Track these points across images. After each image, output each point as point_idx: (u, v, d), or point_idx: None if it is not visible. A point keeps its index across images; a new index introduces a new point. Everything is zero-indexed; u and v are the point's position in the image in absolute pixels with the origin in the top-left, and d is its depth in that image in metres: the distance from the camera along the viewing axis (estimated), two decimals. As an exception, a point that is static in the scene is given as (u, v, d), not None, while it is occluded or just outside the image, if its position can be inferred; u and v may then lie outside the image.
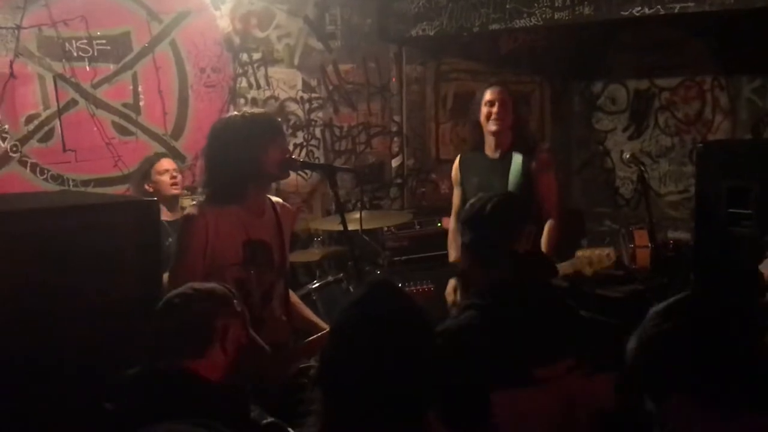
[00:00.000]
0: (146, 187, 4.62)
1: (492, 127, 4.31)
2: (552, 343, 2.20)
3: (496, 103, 4.30)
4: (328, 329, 3.30)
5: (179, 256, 3.14)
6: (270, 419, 2.50)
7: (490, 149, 4.40)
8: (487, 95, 4.34)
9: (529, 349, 2.16)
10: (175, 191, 4.63)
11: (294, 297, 3.58)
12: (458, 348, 2.17)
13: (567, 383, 2.17)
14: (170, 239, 4.18)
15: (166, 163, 4.70)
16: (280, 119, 3.47)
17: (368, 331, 1.73)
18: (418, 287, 3.85)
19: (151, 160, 4.75)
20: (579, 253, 3.80)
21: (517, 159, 4.31)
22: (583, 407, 2.18)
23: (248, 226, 3.22)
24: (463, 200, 4.44)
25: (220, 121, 3.35)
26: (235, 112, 3.37)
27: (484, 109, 4.33)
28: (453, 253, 4.60)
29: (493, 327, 2.19)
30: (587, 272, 3.80)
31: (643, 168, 4.75)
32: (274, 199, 3.43)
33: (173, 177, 4.64)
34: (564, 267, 3.66)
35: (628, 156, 5.02)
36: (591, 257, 3.76)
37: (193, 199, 4.76)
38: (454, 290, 4.45)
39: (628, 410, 2.21)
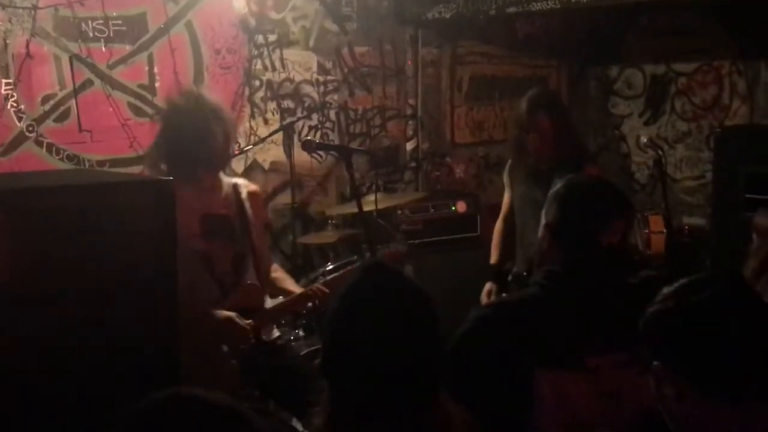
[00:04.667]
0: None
1: (531, 151, 4.16)
2: (609, 335, 2.16)
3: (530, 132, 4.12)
4: (298, 291, 3.60)
5: None
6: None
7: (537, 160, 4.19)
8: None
9: (584, 336, 2.14)
10: None
11: (279, 272, 3.80)
12: (513, 320, 2.16)
13: (616, 376, 2.14)
14: None
15: None
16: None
17: (366, 316, 1.70)
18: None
19: None
20: None
21: (561, 175, 3.91)
22: (631, 404, 2.14)
23: (205, 202, 3.43)
24: (510, 206, 4.42)
25: (174, 99, 3.58)
26: (187, 93, 3.59)
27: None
28: (495, 255, 4.53)
29: (553, 307, 2.17)
30: None
31: (661, 152, 4.70)
32: (237, 180, 3.63)
33: None
34: None
35: (645, 140, 4.97)
36: None
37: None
38: (489, 294, 4.39)
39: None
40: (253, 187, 3.72)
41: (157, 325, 2.60)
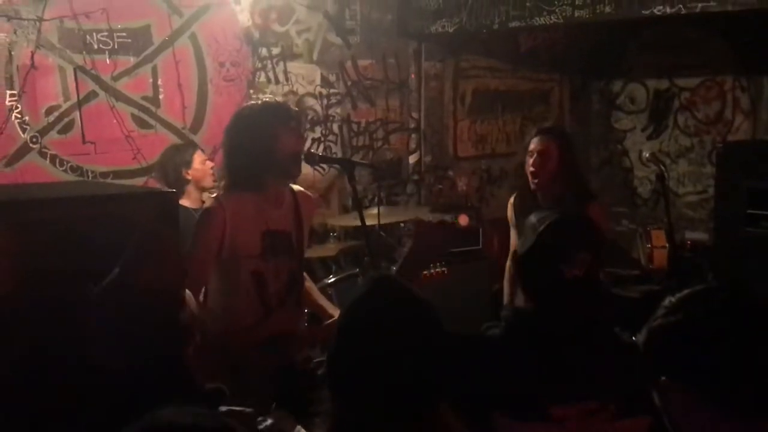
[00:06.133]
0: (185, 174, 4.63)
1: (530, 177, 4.11)
2: (576, 382, 2.09)
3: (535, 154, 4.08)
4: (336, 316, 3.37)
5: (191, 250, 3.13)
6: (267, 423, 2.41)
7: (539, 195, 4.13)
8: (530, 145, 4.14)
9: (548, 384, 2.07)
10: (215, 182, 4.63)
11: (308, 282, 3.59)
12: (478, 361, 2.11)
13: (585, 426, 2.07)
14: None
15: (203, 155, 4.77)
16: (298, 110, 3.46)
17: (373, 328, 1.71)
18: (432, 271, 3.84)
19: (186, 148, 4.78)
20: None
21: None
22: None
23: (267, 217, 3.24)
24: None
25: (240, 108, 3.39)
26: (253, 101, 3.41)
27: (527, 159, 4.13)
28: (508, 297, 4.40)
29: (515, 352, 2.11)
30: None
31: (663, 167, 4.71)
32: (296, 187, 3.44)
33: (212, 168, 4.69)
34: None
35: (648, 155, 4.99)
36: None
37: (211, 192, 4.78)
38: None
39: None
40: (310, 195, 3.58)
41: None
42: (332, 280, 4.85)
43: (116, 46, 4.83)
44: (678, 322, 1.59)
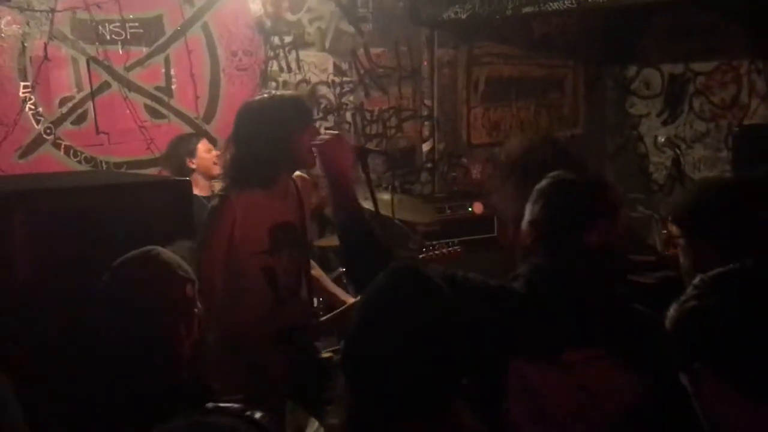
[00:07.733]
0: (189, 163, 4.62)
1: None
2: (587, 330, 2.12)
3: None
4: (349, 303, 3.35)
5: (205, 241, 3.08)
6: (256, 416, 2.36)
7: None
8: None
9: (562, 330, 2.11)
10: (219, 170, 4.62)
11: (317, 270, 3.56)
12: (494, 310, 2.13)
13: (590, 372, 2.10)
14: None
15: (208, 144, 4.75)
16: (309, 102, 3.36)
17: (392, 318, 1.70)
18: (446, 251, 3.81)
19: (190, 138, 4.78)
20: None
21: None
22: (607, 399, 2.10)
23: (274, 211, 3.19)
24: None
25: (249, 103, 3.28)
26: (264, 94, 3.30)
27: None
28: None
29: (534, 301, 2.14)
30: None
31: (678, 151, 4.67)
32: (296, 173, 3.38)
33: (217, 156, 4.68)
34: None
35: (663, 140, 4.95)
36: None
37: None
38: None
39: (662, 409, 2.10)
40: (306, 177, 3.46)
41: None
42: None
43: (128, 37, 4.84)
44: (714, 305, 1.51)
